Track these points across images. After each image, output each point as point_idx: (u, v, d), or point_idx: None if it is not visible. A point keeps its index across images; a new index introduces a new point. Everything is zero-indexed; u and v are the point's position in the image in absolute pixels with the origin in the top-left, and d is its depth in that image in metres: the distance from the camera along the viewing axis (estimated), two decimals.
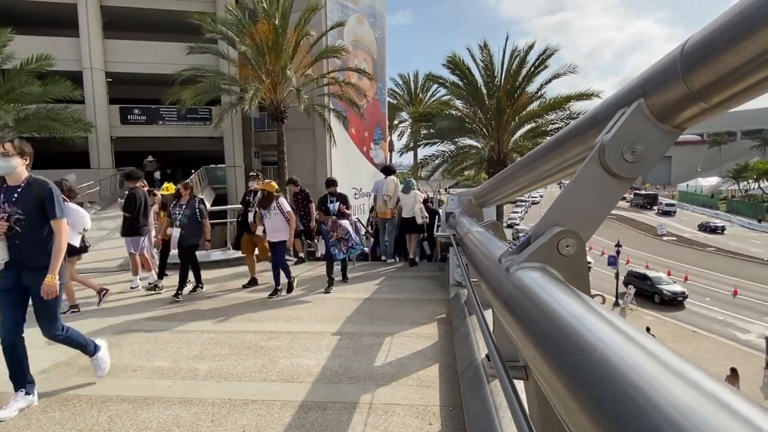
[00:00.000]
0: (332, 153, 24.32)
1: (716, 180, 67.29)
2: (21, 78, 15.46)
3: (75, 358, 4.05)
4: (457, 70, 18.08)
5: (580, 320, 0.89)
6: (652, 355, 0.69)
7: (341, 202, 6.84)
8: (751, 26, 0.93)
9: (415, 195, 8.50)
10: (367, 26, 27.45)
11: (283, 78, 18.37)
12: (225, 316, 5.46)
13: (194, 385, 3.55)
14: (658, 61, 1.29)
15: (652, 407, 0.57)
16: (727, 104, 1.14)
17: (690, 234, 45.94)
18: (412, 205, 8.42)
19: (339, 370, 3.77)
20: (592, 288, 2.53)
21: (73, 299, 5.77)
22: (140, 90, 24.35)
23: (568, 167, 2.06)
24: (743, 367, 17.46)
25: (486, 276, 1.92)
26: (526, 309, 1.18)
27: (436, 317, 5.24)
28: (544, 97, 18.03)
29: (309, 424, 2.92)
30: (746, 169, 56.38)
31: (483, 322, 1.97)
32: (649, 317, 23.27)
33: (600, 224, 1.48)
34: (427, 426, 2.87)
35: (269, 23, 17.50)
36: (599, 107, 1.65)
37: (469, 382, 3.17)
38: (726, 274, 30.93)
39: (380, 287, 6.91)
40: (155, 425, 2.94)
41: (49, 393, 3.41)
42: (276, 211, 6.31)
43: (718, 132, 71.40)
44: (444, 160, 20.97)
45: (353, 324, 5.07)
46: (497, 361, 1.40)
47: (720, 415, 0.51)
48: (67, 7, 21.69)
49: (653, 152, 1.34)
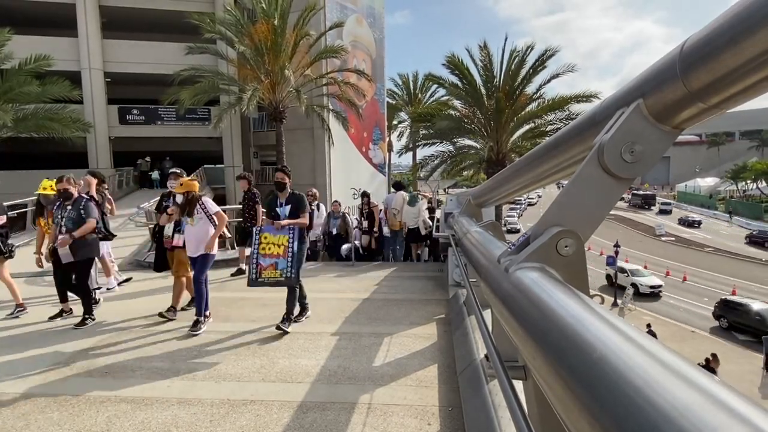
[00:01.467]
0: (331, 153, 24.34)
1: (715, 180, 67.45)
2: (19, 78, 15.43)
3: (74, 358, 4.04)
4: (456, 71, 18.09)
5: (579, 320, 0.89)
6: (651, 355, 0.69)
7: (294, 205, 4.94)
8: (749, 27, 0.93)
9: (420, 208, 9.41)
10: (366, 26, 27.47)
11: (282, 78, 18.37)
12: (223, 316, 5.45)
13: (193, 385, 3.54)
14: (657, 62, 1.29)
15: (650, 407, 0.57)
16: (725, 105, 1.14)
17: (672, 229, 47.89)
18: (417, 216, 9.28)
19: (338, 370, 3.76)
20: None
21: (18, 298, 5.53)
22: (139, 90, 24.31)
23: (567, 167, 2.07)
24: (742, 368, 17.50)
25: (485, 276, 1.92)
26: (525, 309, 1.18)
27: (435, 317, 5.24)
28: (543, 98, 18.06)
29: (308, 424, 2.92)
30: (744, 169, 56.52)
31: (482, 323, 1.97)
32: (647, 317, 23.29)
33: (599, 224, 1.48)
34: (426, 426, 2.87)
35: (268, 23, 17.50)
36: (598, 107, 1.65)
37: (468, 382, 3.17)
38: (725, 275, 30.98)
39: (379, 287, 6.90)
40: (154, 425, 2.93)
41: (48, 393, 3.40)
42: (201, 215, 4.97)
43: (716, 132, 71.55)
44: (443, 160, 20.97)
45: (352, 324, 5.07)
46: (496, 361, 1.40)
47: (718, 414, 0.51)
48: (66, 7, 21.64)
49: (652, 152, 1.35)
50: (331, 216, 9.61)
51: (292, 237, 4.73)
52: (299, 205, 4.93)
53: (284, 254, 4.68)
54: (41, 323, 5.21)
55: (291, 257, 4.68)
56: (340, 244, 9.24)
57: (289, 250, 4.70)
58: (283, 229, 4.76)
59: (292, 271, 4.65)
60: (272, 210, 4.98)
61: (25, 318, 5.42)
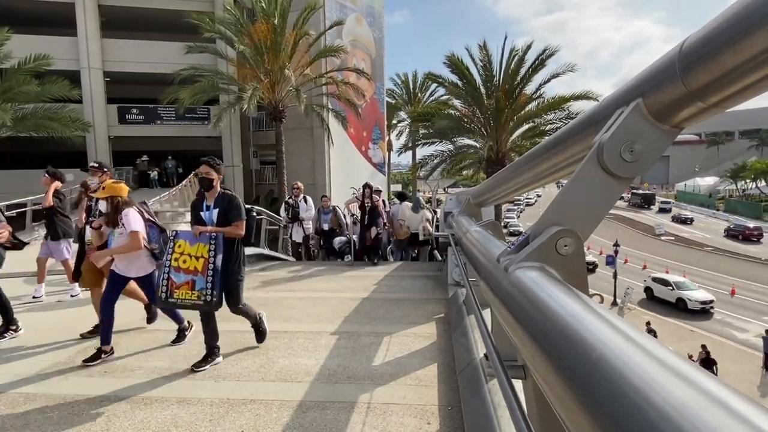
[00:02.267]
0: (330, 152, 24.34)
1: (714, 180, 67.49)
2: (19, 77, 15.43)
3: (73, 358, 4.04)
4: (456, 70, 18.13)
5: (578, 319, 0.89)
6: (651, 355, 0.69)
7: (224, 209, 3.89)
8: (749, 26, 0.93)
9: (423, 214, 9.71)
10: (365, 26, 27.47)
11: (282, 78, 18.38)
12: (223, 315, 5.44)
13: (192, 385, 3.54)
14: (656, 61, 1.30)
15: (650, 406, 0.57)
16: (725, 104, 1.14)
17: (667, 226, 48.80)
18: (419, 222, 9.62)
19: (337, 369, 3.76)
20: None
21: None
22: (138, 89, 24.27)
23: (566, 167, 2.07)
24: (741, 367, 17.53)
25: (484, 275, 1.92)
26: (524, 308, 1.18)
27: (435, 317, 5.24)
28: (543, 97, 18.08)
29: (307, 423, 2.92)
30: (744, 168, 56.59)
31: (481, 322, 1.97)
32: (646, 317, 23.31)
33: (598, 224, 1.49)
34: (425, 425, 2.87)
35: (268, 23, 17.51)
36: (597, 107, 1.65)
37: (467, 381, 3.17)
38: (724, 274, 31.00)
39: (378, 287, 6.90)
40: (153, 425, 2.93)
41: (47, 393, 3.40)
42: (122, 230, 4.09)
43: (716, 132, 71.56)
44: (443, 159, 21.01)
45: (352, 323, 5.07)
46: (495, 361, 1.40)
47: (718, 414, 0.51)
48: (65, 6, 21.61)
49: (651, 152, 1.35)
50: (321, 212, 9.52)
51: (213, 248, 3.74)
52: (231, 210, 3.89)
53: (203, 270, 3.71)
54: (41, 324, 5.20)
55: (212, 275, 3.70)
56: (333, 239, 9.22)
57: (209, 265, 3.71)
58: (202, 237, 3.76)
59: (213, 293, 3.70)
60: (196, 214, 3.98)
61: (24, 319, 5.41)
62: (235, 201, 3.95)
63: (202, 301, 3.72)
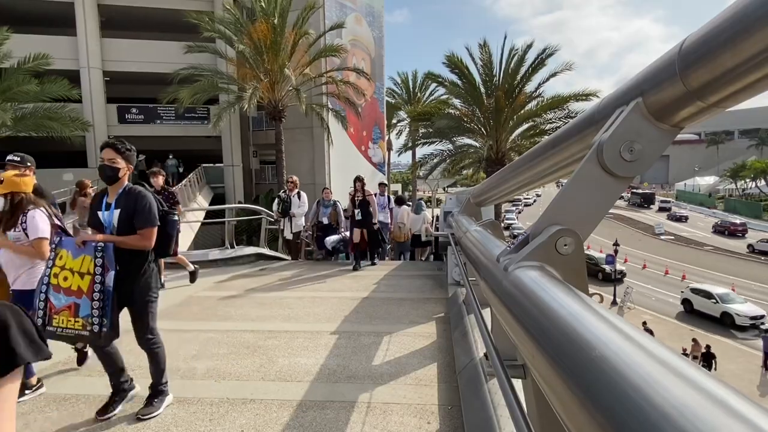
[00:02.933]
0: (330, 152, 24.33)
1: (714, 179, 67.55)
2: (18, 77, 15.40)
3: (73, 358, 4.04)
4: (455, 69, 18.11)
5: (578, 319, 0.89)
6: (650, 354, 0.69)
7: (128, 211, 2.95)
8: (748, 26, 0.93)
9: (424, 216, 10.05)
10: (365, 25, 27.46)
11: (282, 77, 18.38)
12: (222, 315, 5.46)
13: (192, 384, 3.54)
14: (656, 60, 1.29)
15: (650, 405, 0.57)
16: (724, 103, 1.14)
17: (664, 224, 49.50)
18: (420, 224, 9.87)
19: (337, 369, 3.77)
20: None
21: None
22: (138, 89, 24.26)
23: (566, 166, 2.07)
24: (741, 366, 17.54)
25: (484, 275, 1.92)
26: (524, 308, 1.18)
27: (435, 316, 5.24)
28: (542, 96, 18.07)
29: (307, 423, 2.92)
30: (743, 168, 56.64)
31: (481, 321, 1.97)
32: (646, 316, 23.32)
33: (598, 223, 1.49)
34: (425, 425, 2.87)
35: (267, 22, 17.50)
36: (597, 106, 1.65)
37: (467, 381, 3.17)
38: (723, 273, 31.03)
39: (378, 286, 6.91)
40: (153, 424, 2.93)
41: (47, 393, 3.40)
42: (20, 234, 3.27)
43: (715, 131, 71.64)
44: (442, 159, 21.01)
45: (351, 323, 5.07)
46: (495, 360, 1.40)
47: (718, 413, 0.51)
48: (65, 5, 21.59)
49: (651, 151, 1.35)
50: (321, 204, 9.04)
51: (100, 263, 2.81)
52: (137, 212, 2.94)
53: (88, 292, 2.79)
54: None
55: (100, 297, 2.79)
56: (329, 234, 8.80)
57: (95, 285, 2.79)
58: (87, 248, 2.84)
59: (103, 321, 2.79)
60: (93, 215, 3.05)
61: None
62: (143, 201, 2.95)
63: (87, 332, 2.79)
